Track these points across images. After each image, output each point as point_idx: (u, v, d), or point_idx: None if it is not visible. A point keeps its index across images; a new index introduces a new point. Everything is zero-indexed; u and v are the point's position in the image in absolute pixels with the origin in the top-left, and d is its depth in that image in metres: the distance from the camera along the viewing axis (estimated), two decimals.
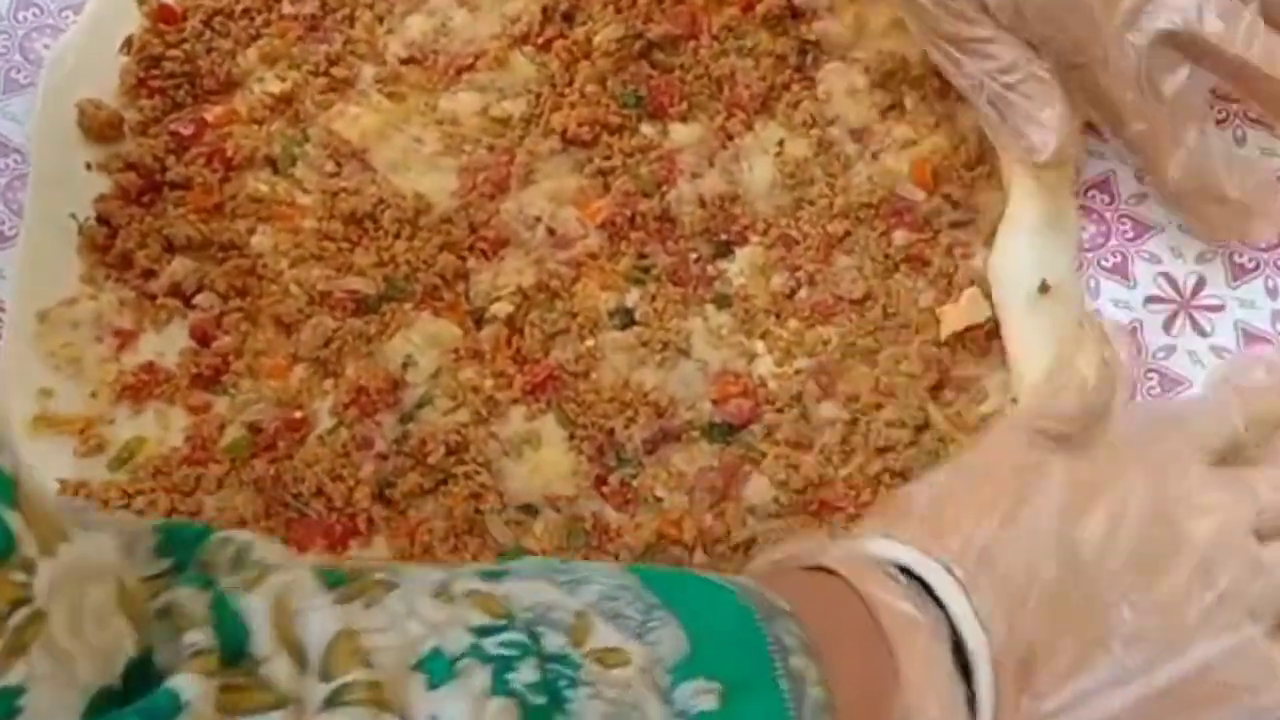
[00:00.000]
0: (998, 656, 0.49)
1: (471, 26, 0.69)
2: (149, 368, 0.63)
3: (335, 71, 0.68)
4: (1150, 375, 0.62)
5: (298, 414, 0.62)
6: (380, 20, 0.69)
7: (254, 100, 0.68)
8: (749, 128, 0.66)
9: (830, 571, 0.50)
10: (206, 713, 0.36)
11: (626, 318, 0.63)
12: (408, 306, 0.64)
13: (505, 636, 0.40)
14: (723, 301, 0.63)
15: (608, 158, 0.66)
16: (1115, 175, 0.66)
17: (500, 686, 0.39)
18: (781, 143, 0.66)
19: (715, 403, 0.61)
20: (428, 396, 0.62)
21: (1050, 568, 0.50)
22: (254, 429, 0.61)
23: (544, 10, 0.69)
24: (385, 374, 0.62)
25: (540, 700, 0.40)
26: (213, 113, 0.67)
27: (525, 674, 0.40)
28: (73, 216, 0.65)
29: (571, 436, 0.61)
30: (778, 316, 0.63)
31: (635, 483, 0.60)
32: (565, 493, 0.60)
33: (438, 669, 0.39)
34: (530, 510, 0.60)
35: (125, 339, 0.63)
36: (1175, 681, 0.50)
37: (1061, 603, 0.50)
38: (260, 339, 0.63)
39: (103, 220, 0.65)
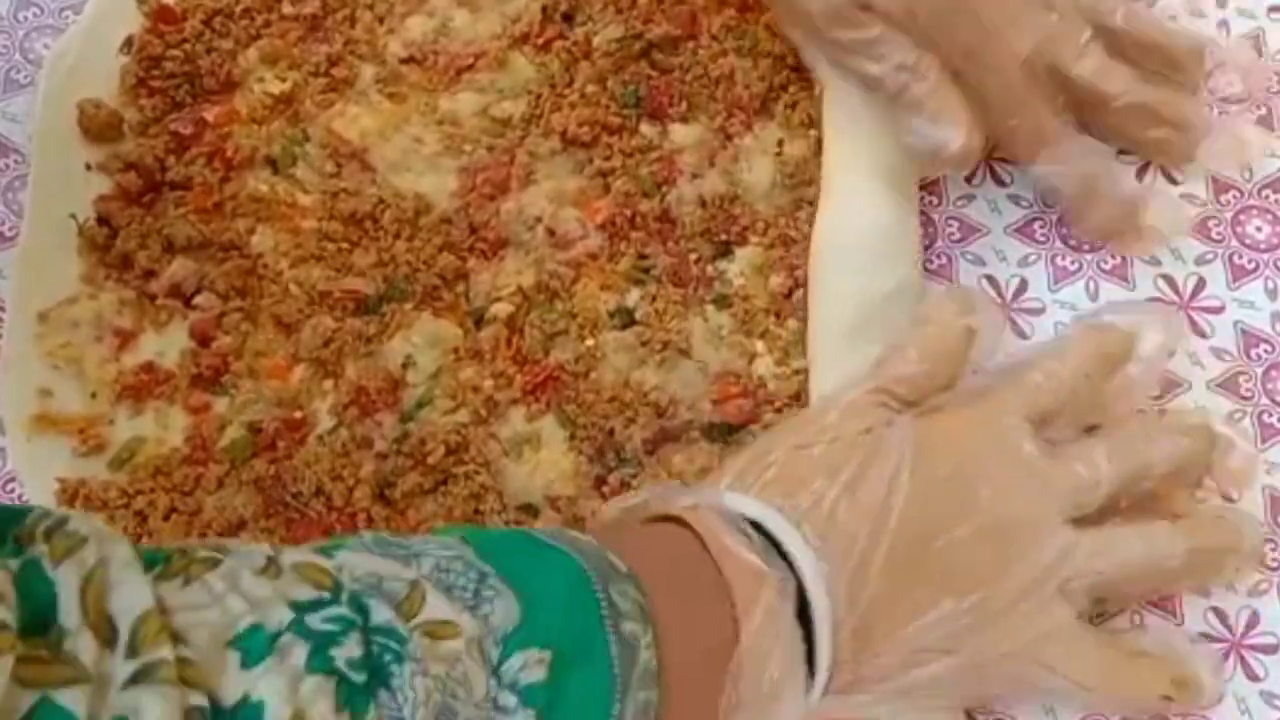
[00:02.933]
0: (839, 615, 0.50)
1: (472, 27, 0.69)
2: (149, 368, 0.63)
3: (335, 72, 0.68)
4: None
5: (298, 414, 0.62)
6: (380, 20, 0.69)
7: (254, 100, 0.68)
8: (749, 128, 0.66)
9: (680, 521, 0.50)
10: (1, 684, 0.35)
11: (626, 318, 0.63)
12: (408, 307, 0.64)
13: (330, 611, 0.40)
14: (723, 301, 0.63)
15: (608, 158, 0.66)
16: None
17: (320, 663, 0.39)
18: (781, 143, 0.66)
19: (715, 403, 0.61)
20: (428, 397, 0.62)
21: (892, 532, 0.51)
22: (254, 429, 0.61)
23: (544, 10, 0.69)
24: (385, 374, 0.62)
25: (361, 677, 0.39)
26: (213, 113, 0.68)
27: (348, 650, 0.40)
28: (73, 216, 0.65)
29: (571, 437, 0.61)
30: (778, 316, 0.63)
31: (635, 483, 0.60)
32: (565, 493, 0.60)
33: (254, 646, 0.38)
34: (530, 510, 0.60)
35: (125, 339, 0.63)
36: (992, 654, 0.52)
37: (901, 567, 0.51)
38: (260, 339, 0.63)
39: (103, 220, 0.65)
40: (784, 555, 0.50)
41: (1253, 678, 0.57)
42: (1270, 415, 0.62)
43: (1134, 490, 0.56)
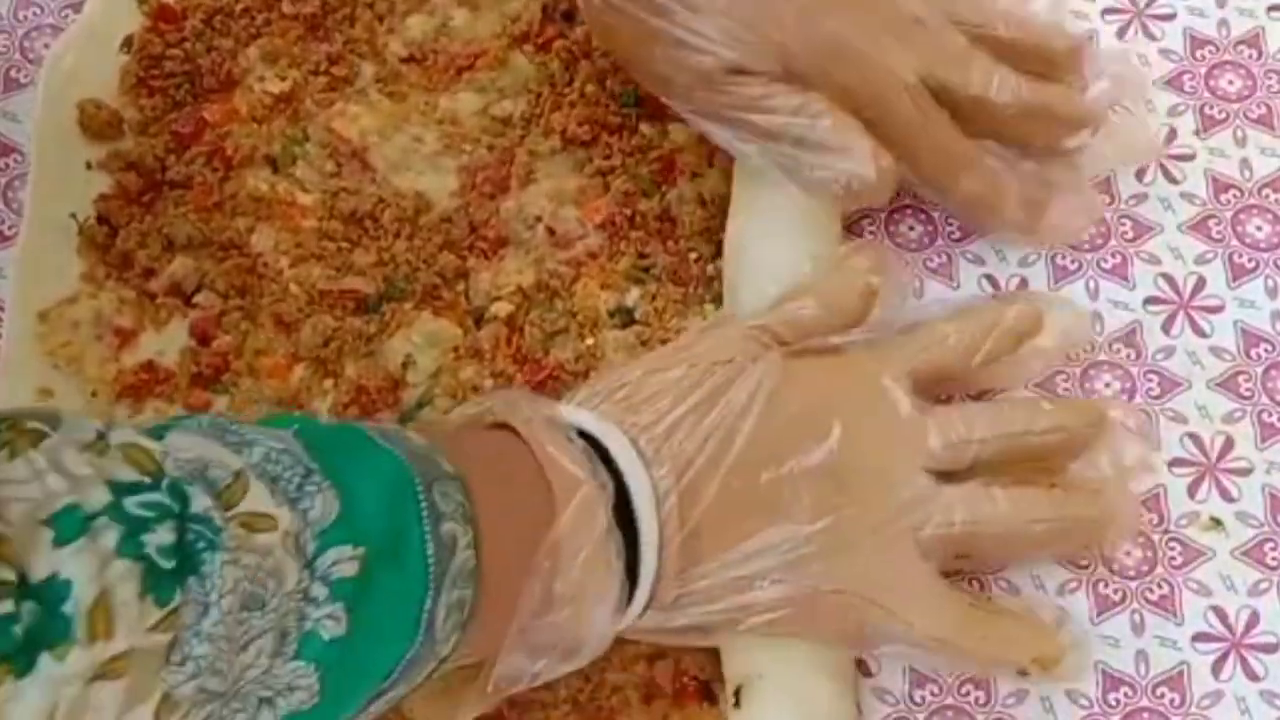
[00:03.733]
0: (667, 532, 0.51)
1: (472, 26, 0.69)
2: (149, 367, 0.63)
3: (335, 71, 0.68)
4: (1150, 376, 0.62)
5: (298, 413, 0.62)
6: (380, 20, 0.69)
7: (254, 99, 0.68)
8: None
9: (515, 431, 0.52)
10: None
11: (626, 317, 0.63)
12: (408, 306, 0.64)
13: (147, 496, 0.41)
14: (722, 301, 0.63)
15: (607, 157, 0.66)
16: (1115, 176, 0.66)
17: (130, 548, 0.40)
18: None
19: None
20: (428, 396, 0.62)
21: (734, 456, 0.53)
22: None
23: (544, 10, 0.69)
24: (385, 373, 0.62)
25: (170, 564, 0.40)
26: (213, 112, 0.67)
27: (161, 536, 0.40)
28: (73, 216, 0.65)
29: None
30: None
31: None
32: None
33: (68, 526, 0.39)
34: None
35: (125, 338, 0.63)
36: (829, 585, 0.53)
37: (737, 491, 0.52)
38: (260, 338, 0.63)
39: (103, 219, 0.65)
40: (616, 468, 0.52)
41: (1253, 677, 0.57)
42: (1270, 415, 0.62)
43: (1012, 456, 0.56)
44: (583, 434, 0.52)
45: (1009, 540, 0.56)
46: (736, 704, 0.55)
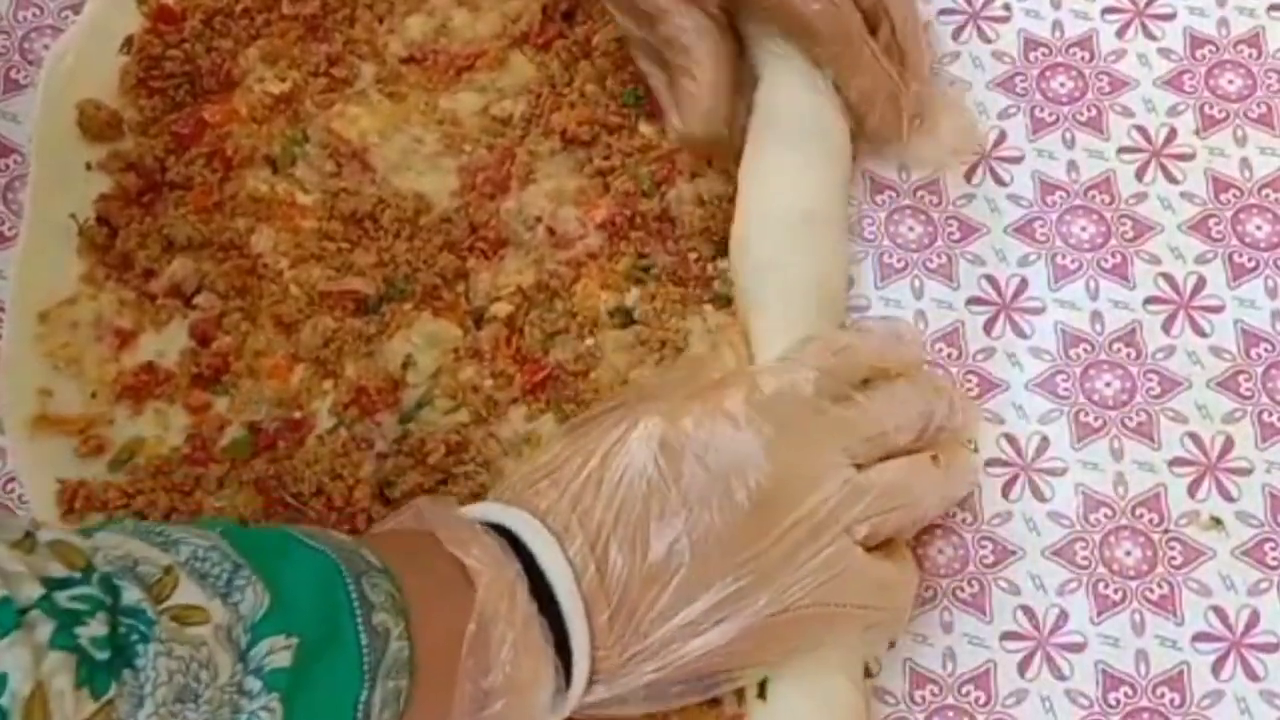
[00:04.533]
0: (593, 599, 0.51)
1: (472, 26, 0.69)
2: (149, 368, 0.63)
3: (335, 71, 0.68)
4: (1150, 376, 0.62)
5: (298, 414, 0.62)
6: (380, 20, 0.69)
7: (254, 100, 0.68)
8: None
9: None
10: None
11: (626, 317, 0.63)
12: (408, 306, 0.64)
13: (79, 590, 0.41)
14: (721, 301, 0.63)
15: (607, 157, 0.66)
16: (1115, 175, 0.66)
17: (64, 640, 0.40)
18: None
19: None
20: (428, 396, 0.62)
21: (646, 511, 0.52)
22: (254, 429, 0.61)
23: (544, 10, 0.69)
24: (385, 374, 0.62)
25: (104, 655, 0.40)
26: (213, 112, 0.67)
27: (94, 628, 0.41)
28: (73, 217, 0.65)
29: None
30: None
31: None
32: None
33: (2, 619, 0.39)
34: None
35: (125, 339, 0.63)
36: (776, 607, 0.52)
37: (656, 542, 0.52)
38: (260, 339, 0.63)
39: (103, 220, 0.65)
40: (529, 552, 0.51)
41: (1253, 677, 0.57)
42: (1270, 414, 0.62)
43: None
44: (497, 527, 0.52)
45: (920, 518, 0.58)
46: (761, 695, 0.55)
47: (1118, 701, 0.57)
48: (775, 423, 0.54)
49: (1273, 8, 0.69)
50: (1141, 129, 0.67)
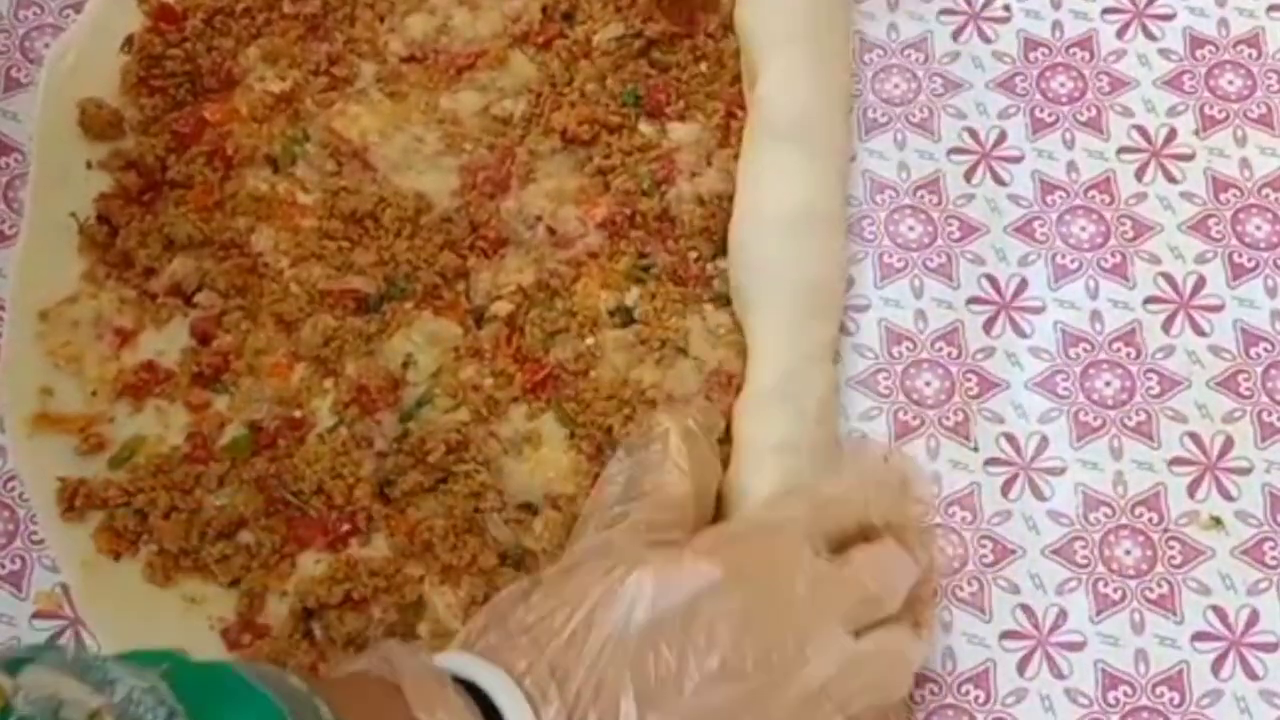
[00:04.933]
0: None
1: (472, 25, 0.69)
2: (149, 366, 0.63)
3: (336, 70, 0.68)
4: (1150, 376, 0.62)
5: (298, 412, 0.62)
6: (381, 19, 0.69)
7: (254, 99, 0.68)
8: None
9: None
10: None
11: (626, 316, 0.63)
12: (408, 305, 0.64)
13: None
14: (721, 301, 0.63)
15: (607, 156, 0.66)
16: (1115, 175, 0.66)
17: None
18: None
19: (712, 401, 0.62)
20: (428, 395, 0.62)
21: (627, 678, 0.49)
22: (254, 427, 0.61)
23: (544, 9, 0.69)
24: (385, 373, 0.62)
25: None
26: (213, 111, 0.67)
27: None
28: (73, 215, 0.65)
29: (571, 435, 0.61)
30: None
31: None
32: (565, 491, 0.60)
33: None
34: (530, 509, 0.60)
35: (125, 337, 0.63)
36: None
37: (645, 708, 0.49)
38: (261, 337, 0.63)
39: (103, 219, 0.65)
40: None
41: (1252, 677, 0.57)
42: (1270, 414, 0.62)
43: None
44: (469, 682, 0.49)
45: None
46: None
47: (1117, 701, 0.57)
48: (768, 585, 0.52)
49: (1273, 8, 0.69)
50: (1141, 129, 0.67)
